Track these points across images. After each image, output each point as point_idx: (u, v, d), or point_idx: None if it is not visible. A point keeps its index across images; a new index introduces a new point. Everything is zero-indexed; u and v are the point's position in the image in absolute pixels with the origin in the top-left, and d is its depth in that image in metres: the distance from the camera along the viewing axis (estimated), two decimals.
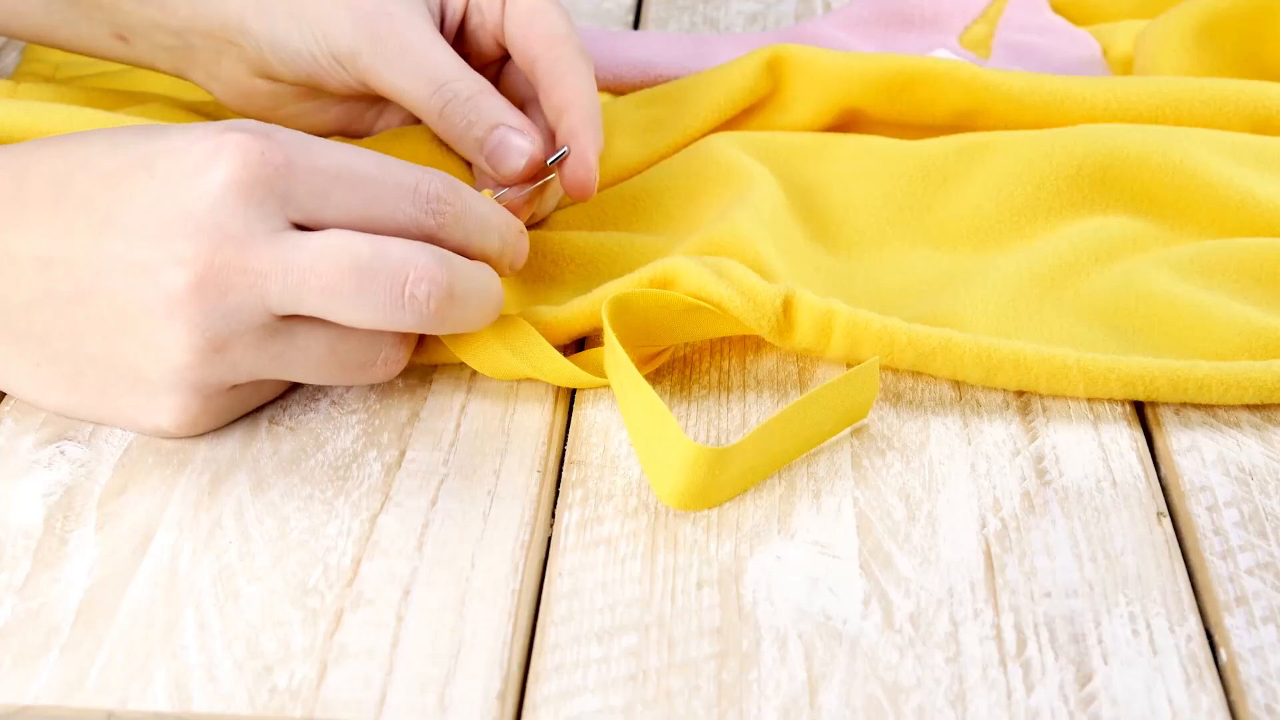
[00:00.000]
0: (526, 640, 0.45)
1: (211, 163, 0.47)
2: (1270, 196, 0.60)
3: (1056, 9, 0.78)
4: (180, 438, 0.51)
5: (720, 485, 0.49)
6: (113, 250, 0.48)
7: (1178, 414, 0.54)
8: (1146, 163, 0.61)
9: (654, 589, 0.47)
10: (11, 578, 0.46)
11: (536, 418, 0.53)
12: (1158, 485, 0.51)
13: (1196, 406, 0.54)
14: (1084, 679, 0.44)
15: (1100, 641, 0.45)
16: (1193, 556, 0.48)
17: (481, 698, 0.43)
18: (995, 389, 0.54)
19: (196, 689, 0.43)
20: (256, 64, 0.60)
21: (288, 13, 0.58)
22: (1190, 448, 0.52)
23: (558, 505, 0.50)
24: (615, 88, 0.72)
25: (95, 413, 0.51)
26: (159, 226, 0.47)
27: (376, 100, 0.63)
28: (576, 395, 0.55)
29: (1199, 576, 0.48)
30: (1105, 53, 0.74)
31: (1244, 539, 0.49)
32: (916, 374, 0.55)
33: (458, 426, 0.53)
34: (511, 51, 0.61)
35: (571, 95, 0.58)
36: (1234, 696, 0.44)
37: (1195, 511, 0.50)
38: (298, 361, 0.50)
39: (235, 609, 0.45)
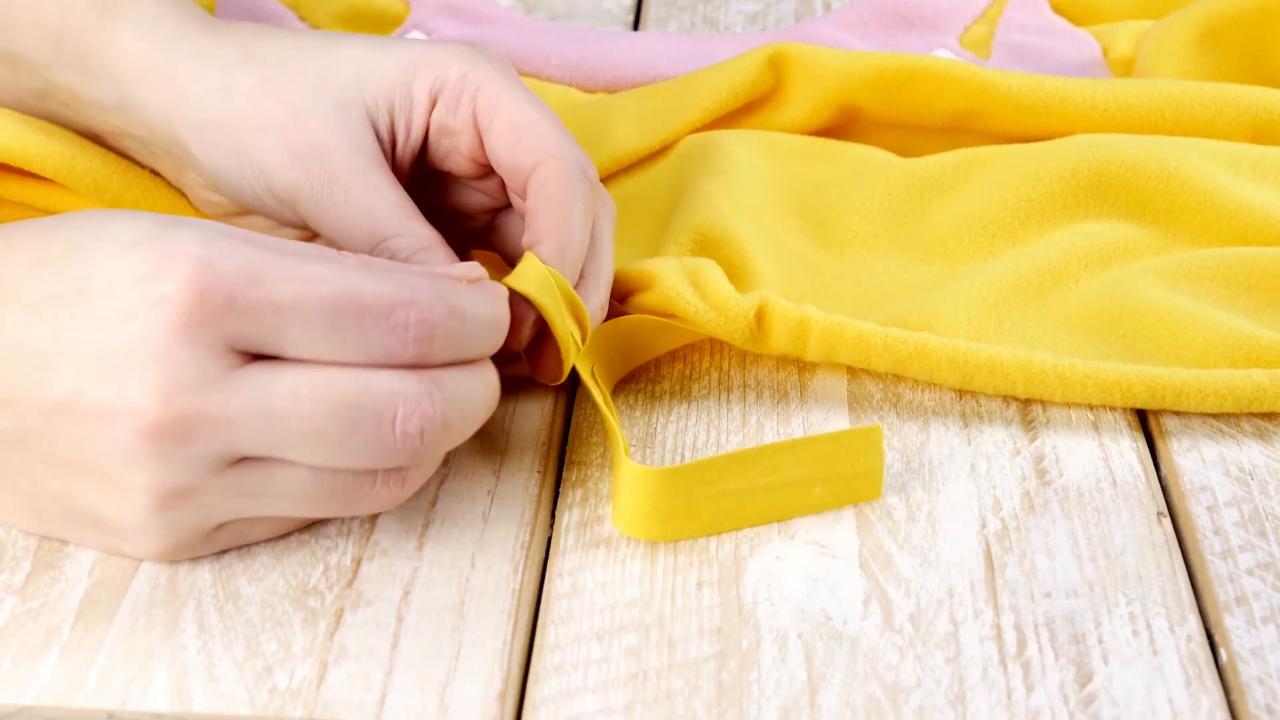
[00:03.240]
0: (526, 640, 0.45)
1: (150, 307, 0.43)
2: (1265, 205, 0.60)
3: (1057, 9, 0.78)
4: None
5: (675, 514, 0.48)
6: (55, 394, 0.43)
7: (1178, 414, 0.54)
8: (1141, 169, 0.60)
9: (654, 589, 0.47)
10: (11, 578, 0.46)
11: (536, 418, 0.53)
12: (1158, 485, 0.51)
13: None
14: (1084, 679, 0.44)
15: (1100, 641, 0.45)
16: (1193, 556, 0.48)
17: (481, 698, 0.43)
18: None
19: (196, 689, 0.43)
20: (209, 185, 0.55)
21: (226, 147, 0.53)
22: (1190, 448, 0.52)
23: (558, 505, 0.50)
24: (614, 89, 0.72)
25: (69, 540, 0.47)
26: (105, 372, 0.43)
27: None
28: (576, 395, 0.55)
29: (1199, 576, 0.48)
30: (1106, 54, 0.74)
31: (1244, 539, 0.49)
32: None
33: None
34: (500, 174, 0.54)
35: (548, 228, 0.51)
36: (1234, 696, 0.44)
37: (1195, 511, 0.50)
38: (280, 496, 0.45)
39: (235, 609, 0.45)
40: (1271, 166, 0.62)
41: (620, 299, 0.54)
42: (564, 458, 0.52)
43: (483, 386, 0.46)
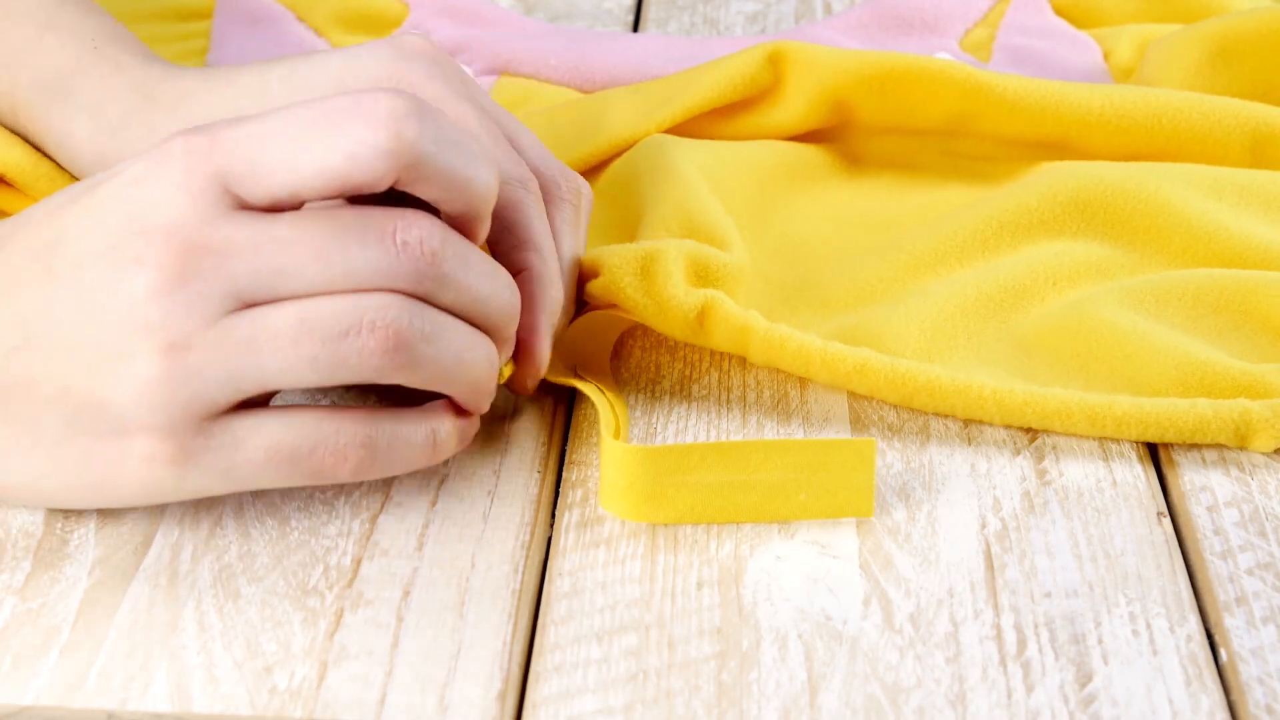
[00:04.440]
0: (526, 640, 0.45)
1: (156, 170, 0.44)
2: (1244, 230, 0.59)
3: (1059, 12, 0.78)
4: (160, 503, 0.47)
5: (653, 495, 0.48)
6: (68, 260, 0.44)
7: None
8: (1120, 189, 0.60)
9: (654, 589, 0.47)
10: (11, 578, 0.46)
11: (536, 418, 0.53)
12: (1158, 485, 0.51)
13: None
14: (1084, 679, 0.44)
15: (1100, 642, 0.45)
16: (1193, 556, 0.48)
17: (481, 698, 0.43)
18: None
19: (196, 689, 0.43)
20: None
21: None
22: (1190, 448, 0.52)
23: (558, 505, 0.50)
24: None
25: (63, 472, 0.46)
26: (113, 239, 0.44)
27: None
28: (576, 395, 0.55)
29: (1199, 576, 0.48)
30: (1107, 57, 0.74)
31: (1244, 539, 0.49)
32: None
33: None
34: None
35: (521, 254, 0.51)
36: (1234, 696, 0.44)
37: (1195, 511, 0.50)
38: (271, 347, 0.44)
39: (235, 609, 0.45)
40: (1258, 192, 0.61)
41: (580, 285, 0.55)
42: (564, 458, 0.52)
43: (476, 341, 0.46)
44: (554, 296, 0.51)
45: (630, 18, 0.82)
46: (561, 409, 0.54)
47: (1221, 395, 0.52)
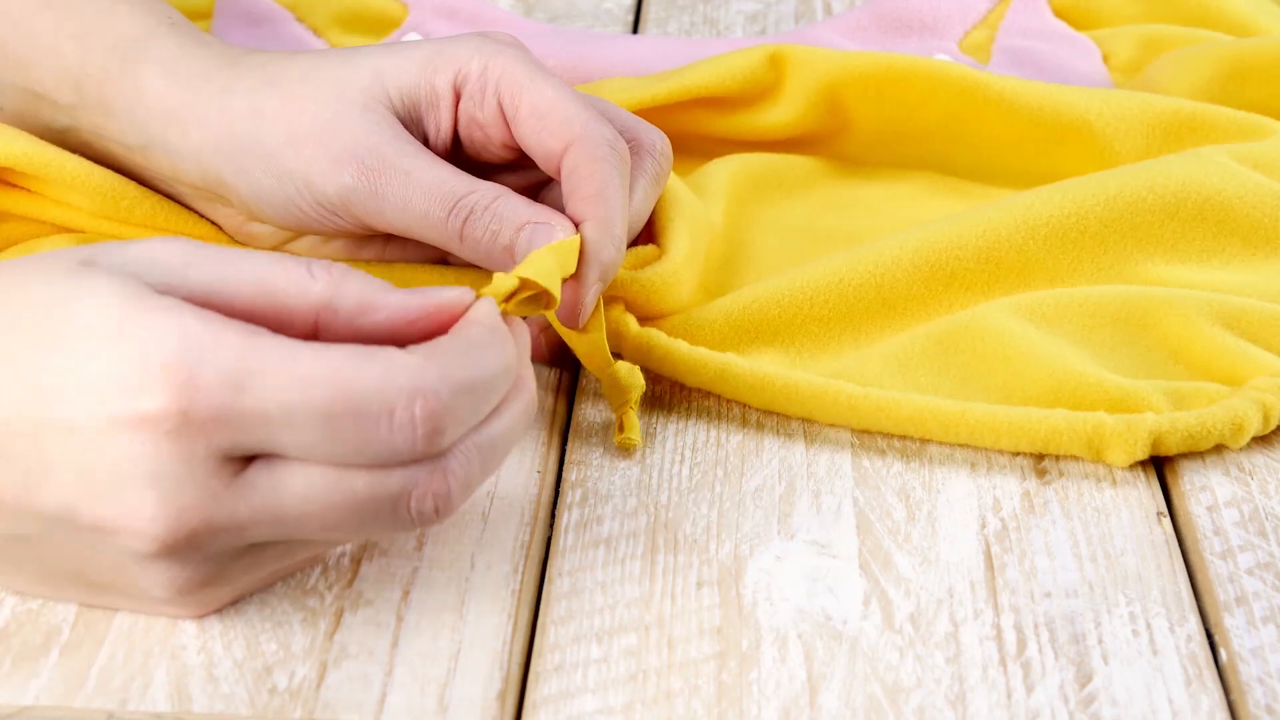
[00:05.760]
0: (526, 640, 0.45)
1: (134, 427, 0.40)
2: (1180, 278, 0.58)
3: (1058, 13, 0.78)
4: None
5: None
6: (50, 506, 0.41)
7: None
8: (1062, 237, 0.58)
9: (654, 589, 0.47)
10: None
11: (536, 418, 0.53)
12: (1158, 485, 0.51)
13: None
14: (1084, 679, 0.44)
15: (1100, 641, 0.45)
16: (1193, 556, 0.48)
17: (481, 698, 0.43)
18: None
19: (196, 689, 0.43)
20: (247, 212, 0.55)
21: (264, 169, 0.53)
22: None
23: (558, 505, 0.50)
24: None
25: (80, 599, 0.45)
26: (98, 491, 0.41)
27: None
28: (576, 395, 0.55)
29: (1199, 576, 0.48)
30: (1106, 59, 0.74)
31: (1244, 539, 0.49)
32: None
33: None
34: (534, 159, 0.54)
35: (587, 208, 0.51)
36: (1234, 696, 0.44)
37: (1195, 511, 0.50)
38: (304, 557, 0.45)
39: (235, 609, 0.45)
40: (1202, 246, 0.59)
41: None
42: (564, 458, 0.52)
43: (509, 424, 0.43)
44: (610, 255, 0.51)
45: (630, 18, 0.82)
46: (561, 409, 0.54)
47: (1087, 407, 0.51)
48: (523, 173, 0.57)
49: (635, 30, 0.81)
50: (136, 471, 0.40)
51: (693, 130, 0.67)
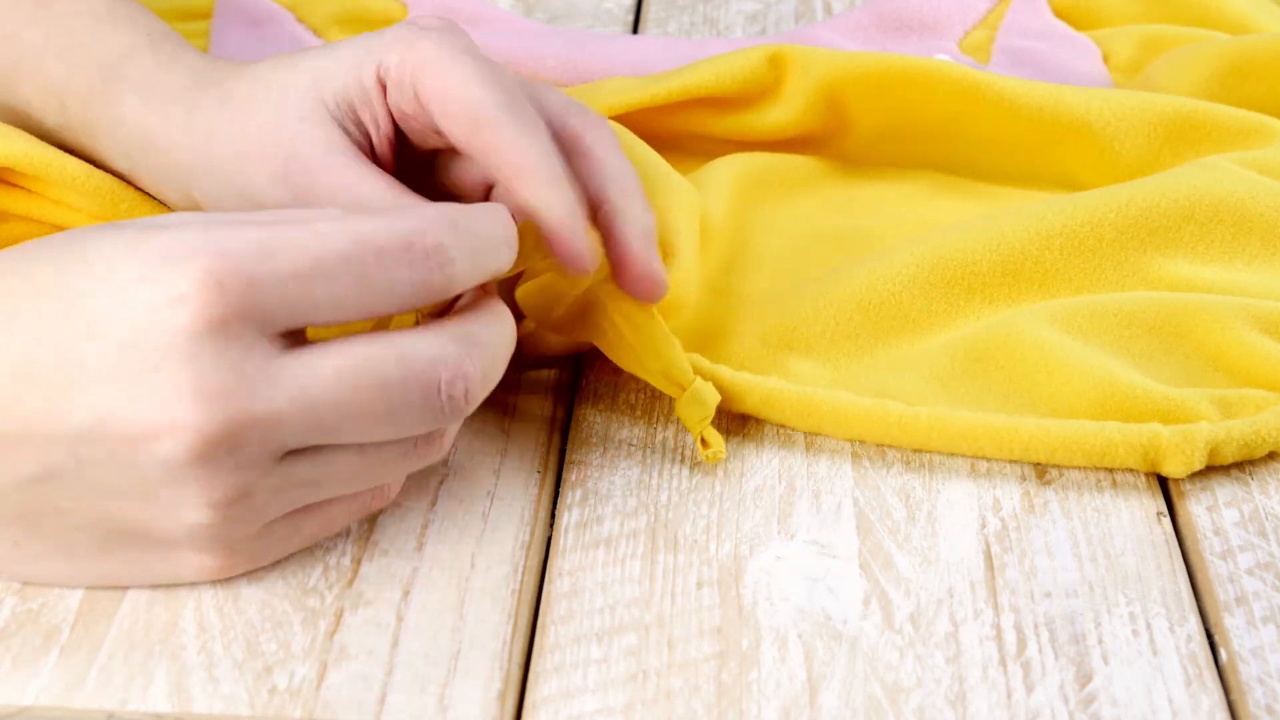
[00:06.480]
0: (526, 640, 0.45)
1: (167, 310, 0.40)
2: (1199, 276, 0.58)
3: (1058, 13, 0.78)
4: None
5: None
6: (77, 421, 0.41)
7: None
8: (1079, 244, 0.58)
9: (654, 589, 0.47)
10: None
11: (536, 418, 0.53)
12: (1158, 485, 0.51)
13: None
14: (1084, 679, 0.44)
15: (1100, 641, 0.45)
16: (1193, 556, 0.48)
17: (481, 698, 0.43)
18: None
19: (196, 689, 0.43)
20: None
21: (224, 189, 0.53)
22: None
23: (558, 505, 0.50)
24: None
25: (106, 575, 0.45)
26: (132, 389, 0.41)
27: None
28: (576, 395, 0.55)
29: (1199, 576, 0.48)
30: (1106, 59, 0.74)
31: (1244, 539, 0.49)
32: None
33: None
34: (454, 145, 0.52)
35: (511, 166, 0.50)
36: (1234, 696, 0.44)
37: (1195, 511, 0.50)
38: (331, 479, 0.44)
39: (235, 609, 0.45)
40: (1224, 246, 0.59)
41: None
42: (564, 458, 0.52)
43: (506, 330, 0.46)
44: (642, 213, 0.51)
45: (630, 18, 0.82)
46: (561, 409, 0.54)
47: (1137, 419, 0.51)
48: (473, 160, 0.55)
49: (635, 30, 0.81)
50: (172, 360, 0.40)
51: (693, 130, 0.67)
